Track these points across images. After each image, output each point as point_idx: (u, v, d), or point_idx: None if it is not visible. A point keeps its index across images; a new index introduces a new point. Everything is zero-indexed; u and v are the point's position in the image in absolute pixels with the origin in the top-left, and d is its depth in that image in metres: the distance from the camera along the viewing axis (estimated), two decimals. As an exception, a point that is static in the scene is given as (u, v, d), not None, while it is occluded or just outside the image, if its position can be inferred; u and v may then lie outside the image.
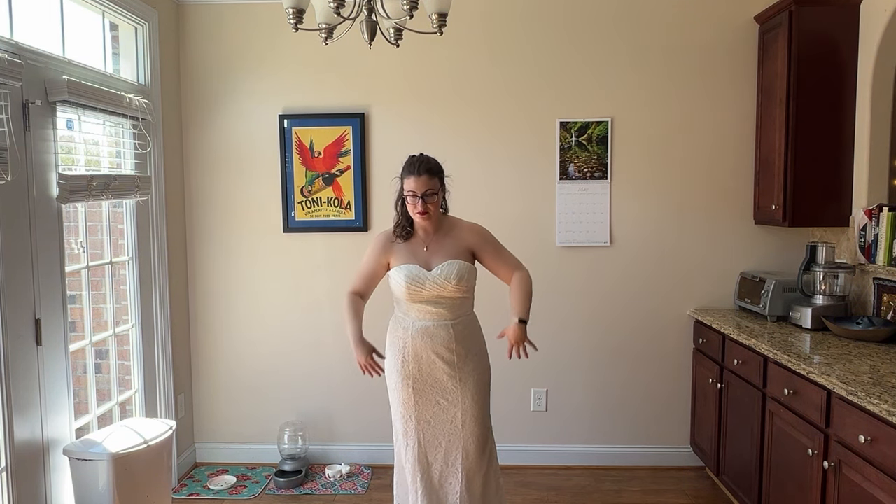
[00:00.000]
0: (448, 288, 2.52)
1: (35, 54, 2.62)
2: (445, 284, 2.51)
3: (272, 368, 3.97)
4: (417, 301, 2.55)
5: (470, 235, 2.63)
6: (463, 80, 3.79)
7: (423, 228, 2.61)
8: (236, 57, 3.84)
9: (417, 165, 2.52)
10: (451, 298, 2.55)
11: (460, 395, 2.57)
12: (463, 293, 2.58)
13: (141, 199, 3.42)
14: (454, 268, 2.52)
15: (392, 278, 2.59)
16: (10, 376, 2.46)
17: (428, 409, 2.59)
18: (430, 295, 2.53)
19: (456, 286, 2.53)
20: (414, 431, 2.60)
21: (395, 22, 2.43)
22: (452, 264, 2.53)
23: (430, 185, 2.51)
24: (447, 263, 2.53)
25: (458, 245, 2.60)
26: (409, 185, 2.51)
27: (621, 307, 3.85)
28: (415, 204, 2.50)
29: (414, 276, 2.52)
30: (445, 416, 2.58)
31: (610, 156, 3.78)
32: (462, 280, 2.53)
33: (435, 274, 2.52)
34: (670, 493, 3.60)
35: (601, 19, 3.73)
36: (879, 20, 3.10)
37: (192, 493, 3.63)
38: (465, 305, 2.64)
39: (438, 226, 2.63)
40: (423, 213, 2.52)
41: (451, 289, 2.53)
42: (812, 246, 3.31)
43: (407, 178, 2.53)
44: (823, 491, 2.38)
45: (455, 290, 2.54)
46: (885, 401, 2.04)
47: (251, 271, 3.94)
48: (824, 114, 3.30)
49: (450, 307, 2.57)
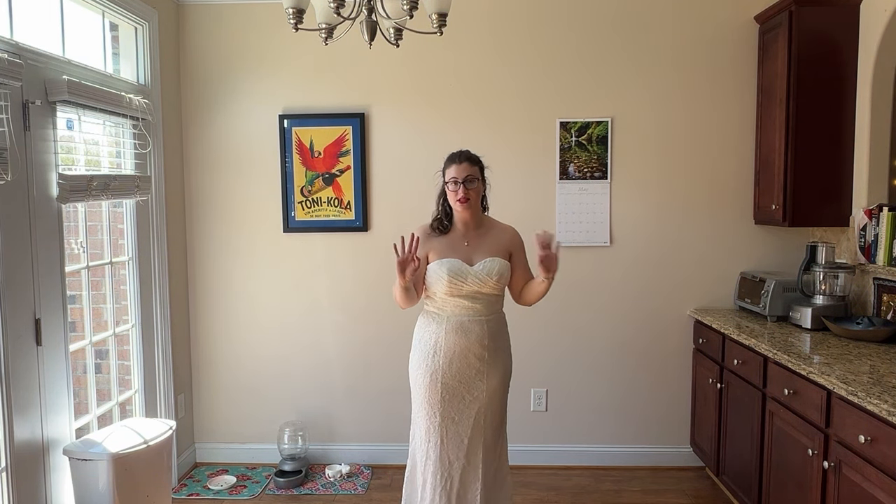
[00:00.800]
0: (489, 284, 2.56)
1: (35, 54, 2.62)
2: (487, 280, 2.56)
3: (272, 368, 3.97)
4: (456, 296, 2.57)
5: (510, 237, 2.71)
6: (463, 80, 3.79)
7: (462, 222, 2.65)
8: (236, 57, 3.84)
9: (458, 155, 2.62)
10: (488, 295, 2.59)
11: (486, 391, 2.60)
12: (499, 290, 2.63)
13: (141, 199, 3.42)
14: (496, 265, 2.58)
15: (432, 272, 2.59)
16: (10, 376, 2.46)
17: (453, 406, 2.60)
18: (470, 290, 2.57)
19: (496, 283, 2.58)
20: (437, 428, 2.60)
21: (395, 22, 2.43)
22: (494, 261, 2.59)
23: (471, 171, 2.59)
24: (489, 260, 2.58)
25: (498, 243, 2.65)
26: (450, 172, 2.59)
27: (621, 307, 3.85)
28: (456, 191, 2.56)
29: (456, 270, 2.55)
30: (469, 411, 2.60)
31: (610, 156, 3.78)
32: (502, 277, 2.59)
33: (477, 269, 2.56)
34: (670, 493, 3.60)
35: (601, 19, 3.73)
36: (879, 20, 3.10)
37: (192, 493, 3.63)
38: (499, 302, 2.68)
39: (479, 222, 2.68)
40: (464, 200, 2.56)
41: (492, 285, 2.57)
42: (812, 246, 3.31)
43: (448, 168, 2.61)
44: (823, 491, 2.38)
45: (494, 286, 2.58)
46: (885, 401, 2.04)
47: (251, 271, 3.94)
48: (824, 114, 3.30)
49: (485, 303, 2.60)
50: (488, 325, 2.60)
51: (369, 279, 3.89)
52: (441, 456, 2.61)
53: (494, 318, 2.64)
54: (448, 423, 2.60)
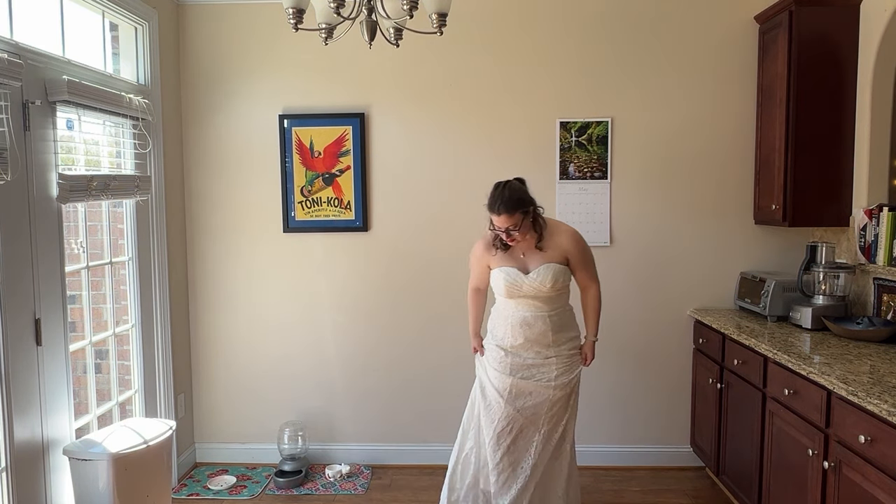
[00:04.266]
0: (544, 290, 2.75)
1: (35, 54, 2.62)
2: (541, 288, 2.74)
3: (272, 368, 3.97)
4: (516, 297, 2.79)
5: (569, 243, 2.82)
6: (463, 80, 3.79)
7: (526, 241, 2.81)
8: (236, 57, 3.84)
9: (497, 205, 2.69)
10: (549, 295, 2.78)
11: (555, 376, 2.80)
12: (558, 291, 2.80)
13: (141, 199, 3.42)
14: (550, 272, 2.74)
15: (493, 278, 2.84)
16: (10, 376, 2.46)
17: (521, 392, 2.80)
18: (530, 293, 2.76)
19: (551, 288, 2.75)
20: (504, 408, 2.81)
21: (395, 22, 2.43)
22: (549, 268, 2.74)
23: (512, 221, 2.69)
24: (543, 267, 2.74)
25: (555, 250, 2.80)
26: (494, 220, 2.73)
27: (621, 307, 3.85)
28: (502, 237, 2.75)
29: (512, 279, 2.75)
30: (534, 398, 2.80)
31: (610, 156, 3.78)
32: (557, 282, 2.76)
33: (532, 278, 2.74)
34: (670, 493, 3.60)
35: (602, 19, 3.73)
36: (879, 20, 3.10)
37: (192, 493, 3.63)
38: (561, 298, 2.86)
39: (536, 239, 2.81)
40: (512, 242, 2.76)
41: (547, 290, 2.75)
42: (812, 246, 3.31)
43: (491, 215, 2.73)
44: (823, 491, 2.38)
45: (550, 291, 2.76)
46: (886, 401, 2.04)
47: (251, 271, 3.94)
48: (824, 114, 3.30)
49: (546, 301, 2.79)
50: (550, 320, 2.80)
51: (369, 279, 3.89)
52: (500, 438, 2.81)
53: (557, 313, 2.83)
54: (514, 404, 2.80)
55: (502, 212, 2.68)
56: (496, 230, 2.75)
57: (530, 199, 2.77)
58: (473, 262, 2.96)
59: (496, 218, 2.70)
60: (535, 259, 2.78)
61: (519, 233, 2.72)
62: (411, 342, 3.91)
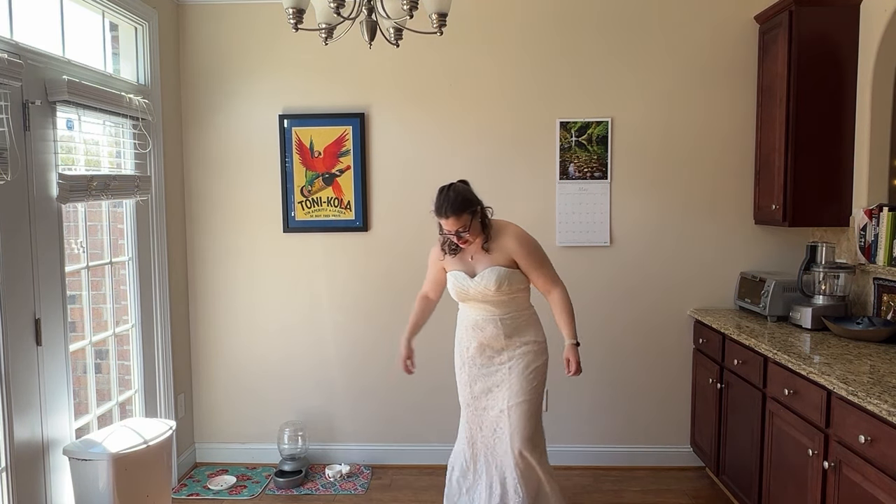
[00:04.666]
0: (489, 294, 2.71)
1: (35, 54, 2.62)
2: (486, 291, 2.71)
3: (272, 368, 3.97)
4: (466, 300, 2.80)
5: (512, 244, 2.74)
6: (463, 80, 3.79)
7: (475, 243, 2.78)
8: (236, 57, 3.84)
9: (444, 208, 2.64)
10: (498, 299, 2.73)
11: (508, 381, 2.77)
12: (507, 294, 2.73)
13: (141, 199, 3.42)
14: (493, 275, 2.69)
15: (448, 281, 2.84)
16: (10, 376, 2.46)
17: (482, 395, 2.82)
18: (477, 296, 2.74)
19: (496, 291, 2.70)
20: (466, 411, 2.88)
21: (395, 22, 2.43)
22: (492, 272, 2.69)
23: (460, 223, 2.64)
24: (488, 271, 2.70)
25: (500, 252, 2.74)
26: (443, 224, 2.69)
27: (621, 307, 3.85)
28: (453, 240, 2.73)
29: (459, 282, 2.75)
30: (496, 401, 2.79)
31: (610, 156, 3.78)
32: (503, 285, 2.69)
33: (476, 281, 2.72)
34: (670, 493, 3.60)
35: (601, 19, 3.73)
36: (879, 20, 3.10)
37: (192, 493, 3.63)
38: (515, 302, 2.79)
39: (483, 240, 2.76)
40: (463, 243, 2.72)
41: (493, 293, 2.71)
42: (812, 246, 3.31)
43: (439, 219, 2.68)
44: (823, 491, 2.38)
45: (497, 293, 2.71)
46: (885, 401, 2.04)
47: (251, 271, 3.94)
48: (824, 114, 3.30)
49: (497, 304, 2.75)
50: (503, 323, 2.76)
51: (369, 279, 3.89)
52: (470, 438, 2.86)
53: (511, 316, 2.77)
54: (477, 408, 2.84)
55: (449, 214, 2.62)
56: (446, 234, 2.71)
57: (476, 199, 2.71)
58: (430, 265, 2.94)
59: (444, 221, 2.65)
60: (483, 262, 2.73)
61: (469, 234, 2.67)
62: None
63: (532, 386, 2.77)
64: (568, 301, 2.81)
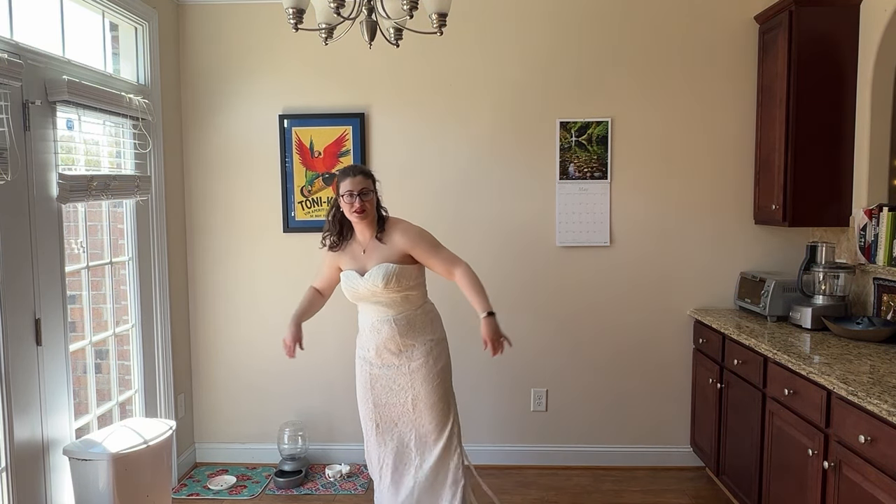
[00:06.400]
0: (378, 290, 2.64)
1: (35, 54, 2.62)
2: (374, 288, 2.64)
3: (272, 368, 3.97)
4: (359, 300, 2.75)
5: (400, 237, 2.71)
6: (463, 80, 3.79)
7: (360, 232, 2.75)
8: (236, 57, 3.84)
9: (352, 169, 2.70)
10: (389, 297, 2.67)
11: (410, 383, 2.73)
12: (398, 292, 2.67)
13: (141, 199, 3.42)
14: (381, 272, 2.63)
15: (342, 282, 2.78)
16: (10, 376, 2.46)
17: (382, 395, 2.79)
18: (367, 296, 2.69)
19: (385, 288, 2.63)
20: (371, 415, 2.83)
21: (395, 22, 2.43)
22: (380, 268, 2.64)
23: (365, 184, 2.66)
24: (376, 268, 2.65)
25: (391, 248, 2.69)
26: (345, 186, 2.65)
27: (621, 307, 3.85)
28: (352, 203, 2.63)
29: (350, 281, 2.71)
30: (398, 401, 2.76)
31: (610, 156, 3.78)
32: (391, 282, 2.62)
33: (365, 279, 2.66)
34: (670, 493, 3.60)
35: (601, 19, 3.73)
36: (879, 20, 3.10)
37: (192, 493, 3.63)
38: (408, 301, 2.72)
39: (377, 230, 2.74)
40: (360, 211, 2.63)
41: (382, 291, 2.64)
42: (812, 246, 3.31)
43: (343, 181, 2.66)
44: (823, 491, 2.38)
45: (386, 291, 2.64)
46: (885, 401, 2.04)
47: (251, 271, 3.94)
48: (824, 114, 3.30)
49: (389, 304, 2.69)
50: (397, 323, 2.69)
51: (369, 279, 3.89)
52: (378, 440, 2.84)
53: (405, 316, 2.70)
54: (381, 410, 2.80)
55: (357, 174, 2.63)
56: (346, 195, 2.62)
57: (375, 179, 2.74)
58: (323, 262, 2.88)
59: (351, 181, 2.61)
60: (374, 257, 2.69)
61: (368, 202, 2.63)
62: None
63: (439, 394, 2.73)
64: (473, 275, 2.69)
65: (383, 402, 2.79)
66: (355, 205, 2.62)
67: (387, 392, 2.77)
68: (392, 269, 2.63)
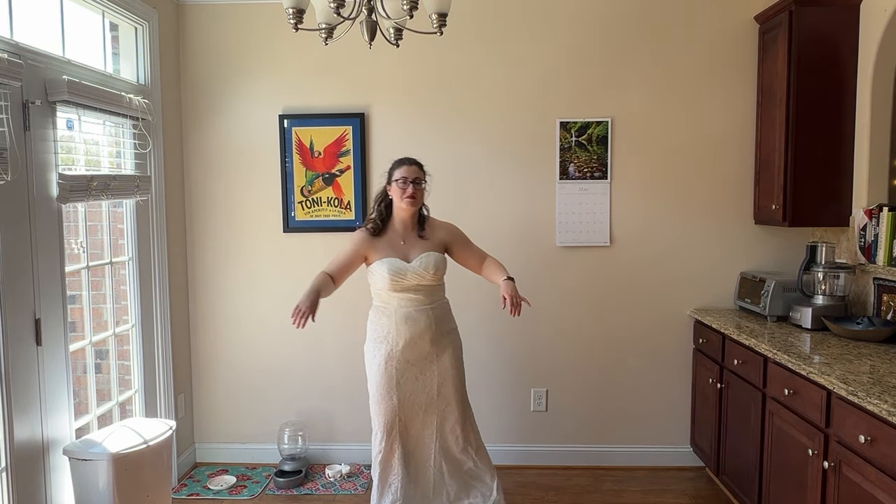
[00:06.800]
0: (427, 277, 2.82)
1: (35, 54, 2.62)
2: (424, 274, 2.81)
3: (272, 368, 3.97)
4: (399, 290, 2.83)
5: (443, 232, 2.96)
6: (463, 80, 3.79)
7: (402, 221, 2.89)
8: (236, 57, 3.84)
9: (408, 159, 2.88)
10: (428, 286, 2.86)
11: (437, 369, 2.90)
12: (438, 281, 2.90)
13: (141, 199, 3.42)
14: (431, 259, 2.83)
15: (374, 271, 2.86)
16: (10, 376, 2.46)
17: (408, 387, 2.88)
18: (411, 284, 2.82)
19: (433, 275, 2.83)
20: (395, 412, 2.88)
21: (395, 22, 2.43)
22: (430, 256, 2.83)
23: (419, 174, 2.85)
24: (425, 255, 2.83)
25: (433, 239, 2.91)
26: (400, 172, 2.82)
27: (621, 307, 3.85)
28: (405, 189, 2.80)
29: (396, 268, 2.79)
30: (423, 388, 2.89)
31: (610, 156, 3.78)
32: (438, 270, 2.85)
33: (415, 265, 2.81)
34: (670, 493, 3.60)
35: (601, 19, 3.73)
36: (879, 20, 3.10)
37: (192, 493, 3.63)
38: (439, 291, 2.95)
39: (416, 223, 2.93)
40: (411, 198, 2.81)
41: (430, 278, 2.83)
42: (812, 246, 3.31)
43: (399, 168, 2.84)
44: (823, 491, 2.38)
45: (432, 279, 2.84)
46: (885, 401, 2.04)
47: (251, 271, 3.94)
48: (824, 114, 3.30)
49: (427, 293, 2.86)
50: (433, 312, 2.87)
51: (369, 279, 3.89)
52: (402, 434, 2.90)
53: (437, 306, 2.91)
54: (404, 403, 2.88)
55: (413, 164, 2.83)
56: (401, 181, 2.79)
57: None
58: (349, 248, 2.87)
59: (406, 168, 2.81)
60: (416, 248, 2.85)
61: (418, 191, 2.81)
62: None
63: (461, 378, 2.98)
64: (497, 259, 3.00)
65: (408, 397, 2.88)
66: (408, 190, 2.79)
67: (412, 383, 2.87)
68: (440, 258, 2.86)
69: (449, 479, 2.94)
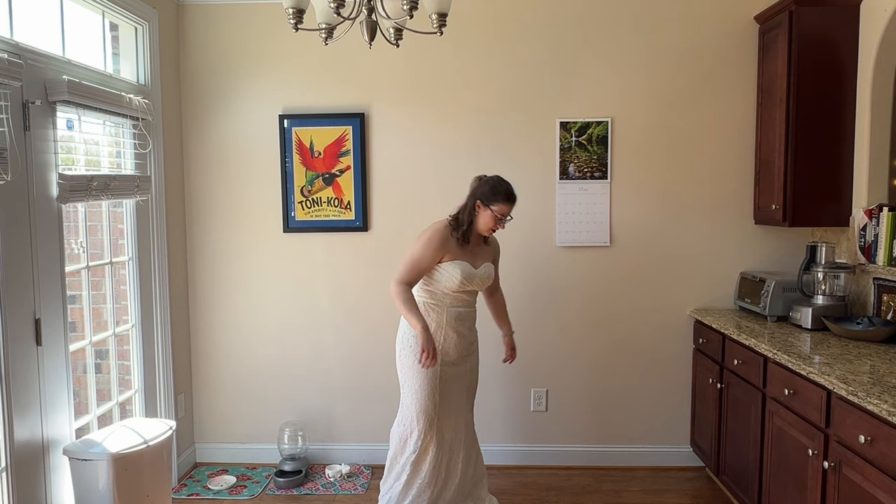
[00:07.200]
0: (486, 284, 3.04)
1: (35, 54, 2.62)
2: (486, 281, 3.02)
3: (272, 368, 3.97)
4: (460, 291, 2.96)
5: (494, 248, 3.15)
6: (463, 80, 3.79)
7: (476, 237, 3.01)
8: (236, 57, 3.84)
9: (513, 195, 2.95)
10: (476, 291, 3.06)
11: (468, 372, 3.08)
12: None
13: (141, 199, 3.42)
14: (492, 269, 3.05)
15: (446, 271, 2.92)
16: (10, 376, 2.46)
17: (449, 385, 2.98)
18: (478, 284, 3.00)
19: (490, 284, 3.09)
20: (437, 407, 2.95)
21: (395, 22, 2.43)
22: (490, 266, 3.04)
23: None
24: (488, 265, 3.03)
25: (490, 251, 3.10)
26: (502, 208, 2.91)
27: (621, 307, 3.85)
28: (499, 224, 2.95)
29: (468, 272, 2.93)
30: (459, 390, 3.03)
31: (610, 156, 3.78)
32: (493, 280, 3.10)
33: (480, 272, 2.98)
34: (670, 493, 3.60)
35: (601, 19, 3.73)
36: (879, 20, 3.10)
37: (192, 493, 3.63)
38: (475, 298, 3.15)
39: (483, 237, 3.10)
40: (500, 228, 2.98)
41: (490, 284, 3.07)
42: (812, 246, 3.31)
43: (502, 203, 2.91)
44: (823, 491, 2.38)
45: (490, 283, 3.07)
46: (885, 401, 2.04)
47: (251, 271, 3.94)
48: (824, 114, 3.30)
49: (474, 298, 3.08)
50: (475, 316, 3.10)
51: (369, 279, 3.89)
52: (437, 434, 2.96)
53: (475, 311, 3.11)
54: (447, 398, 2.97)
55: (514, 201, 2.94)
56: (499, 216, 2.91)
57: None
58: (431, 252, 2.88)
59: (506, 205, 2.91)
60: (481, 255, 3.02)
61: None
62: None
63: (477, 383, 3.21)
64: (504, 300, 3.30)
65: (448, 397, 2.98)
66: (500, 226, 2.95)
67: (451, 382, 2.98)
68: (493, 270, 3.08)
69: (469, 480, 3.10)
